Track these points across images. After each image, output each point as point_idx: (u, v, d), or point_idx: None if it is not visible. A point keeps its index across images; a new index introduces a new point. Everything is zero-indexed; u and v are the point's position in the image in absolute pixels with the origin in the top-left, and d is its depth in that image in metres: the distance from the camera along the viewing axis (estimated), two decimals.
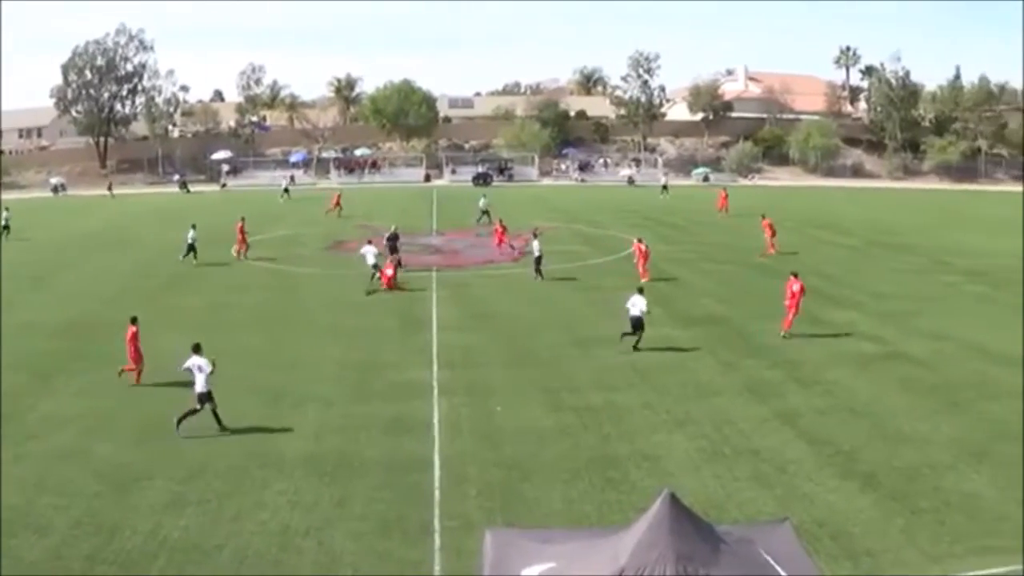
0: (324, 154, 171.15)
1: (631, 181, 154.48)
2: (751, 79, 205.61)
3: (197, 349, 33.38)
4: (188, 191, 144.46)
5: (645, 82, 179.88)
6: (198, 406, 32.39)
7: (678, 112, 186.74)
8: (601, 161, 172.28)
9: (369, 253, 59.93)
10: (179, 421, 32.09)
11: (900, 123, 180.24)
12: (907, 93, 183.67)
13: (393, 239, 65.82)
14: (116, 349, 39.77)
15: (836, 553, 24.09)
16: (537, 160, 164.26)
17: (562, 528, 23.36)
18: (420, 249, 73.77)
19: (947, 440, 33.10)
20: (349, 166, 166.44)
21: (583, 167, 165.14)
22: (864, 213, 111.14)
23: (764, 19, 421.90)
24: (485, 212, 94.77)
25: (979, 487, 29.03)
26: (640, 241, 64.63)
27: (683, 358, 42.83)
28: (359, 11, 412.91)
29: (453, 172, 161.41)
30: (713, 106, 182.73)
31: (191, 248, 68.96)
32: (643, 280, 58.34)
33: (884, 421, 34.88)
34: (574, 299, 55.90)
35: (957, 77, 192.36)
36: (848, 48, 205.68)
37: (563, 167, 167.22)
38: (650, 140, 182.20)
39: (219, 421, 32.55)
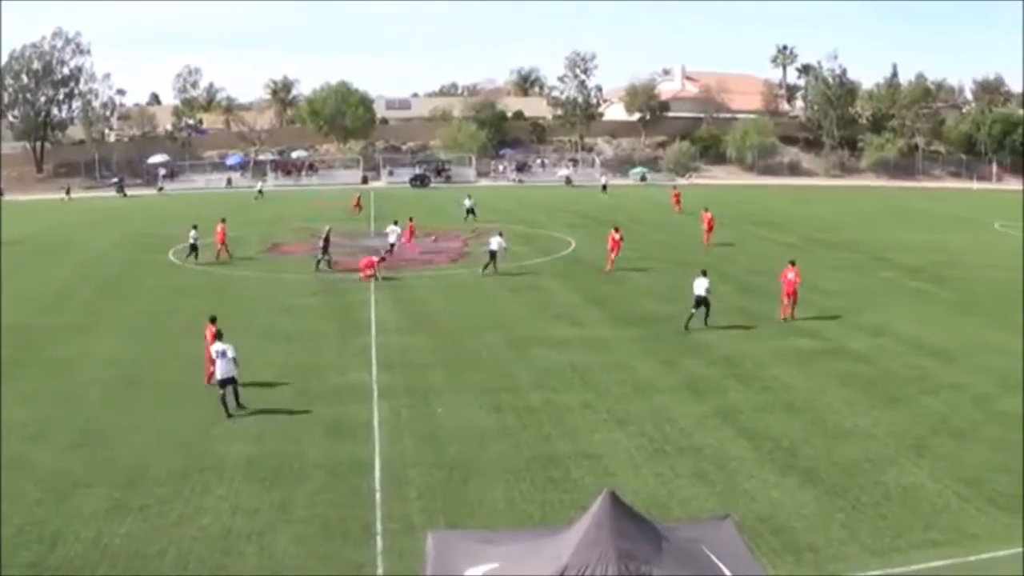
0: (261, 157, 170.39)
1: (568, 181, 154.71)
2: (688, 79, 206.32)
3: (219, 336, 34.69)
4: (125, 195, 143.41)
5: (582, 82, 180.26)
6: (221, 390, 33.72)
7: (615, 112, 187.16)
8: (538, 161, 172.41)
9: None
10: (226, 413, 34.05)
11: (837, 121, 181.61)
12: (844, 91, 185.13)
13: (326, 240, 66.84)
14: (54, 355, 39.50)
15: (778, 548, 24.22)
16: (474, 161, 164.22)
17: (504, 528, 23.34)
18: (358, 251, 73.38)
19: (887, 434, 33.39)
20: (286, 168, 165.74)
21: (520, 167, 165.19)
22: (802, 210, 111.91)
23: (701, 19, 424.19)
24: (471, 211, 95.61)
25: (920, 480, 29.31)
26: (617, 230, 66.72)
27: (622, 357, 42.86)
28: (296, 13, 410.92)
29: (390, 174, 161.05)
30: (650, 106, 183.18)
31: (193, 248, 69.91)
32: (608, 268, 63.66)
33: (824, 416, 35.16)
34: (513, 299, 55.87)
35: (894, 75, 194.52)
36: (785, 47, 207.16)
37: (500, 168, 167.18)
38: (587, 140, 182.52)
39: (226, 407, 34.01)
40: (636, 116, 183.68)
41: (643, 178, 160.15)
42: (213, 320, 37.97)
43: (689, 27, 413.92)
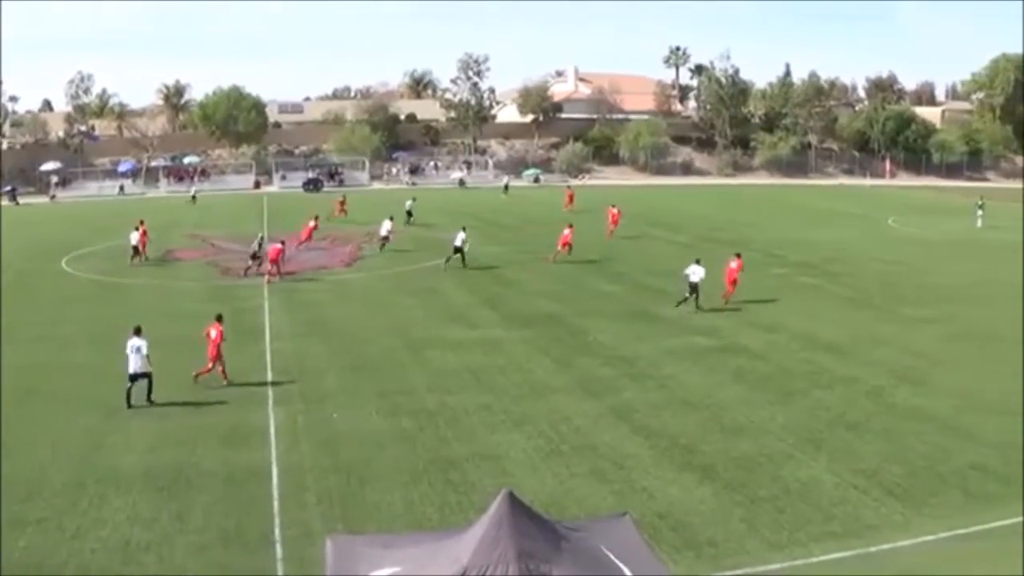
0: (153, 163, 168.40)
1: (462, 183, 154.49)
2: (581, 80, 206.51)
3: (138, 331, 36.13)
4: (18, 203, 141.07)
5: (475, 84, 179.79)
6: (129, 384, 34.74)
7: (508, 114, 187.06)
8: (432, 164, 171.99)
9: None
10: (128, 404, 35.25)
11: (730, 120, 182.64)
12: (737, 91, 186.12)
13: (258, 246, 67.43)
14: None
15: (678, 545, 24.43)
16: (368, 164, 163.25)
17: (404, 532, 23.33)
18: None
19: (783, 429, 33.86)
20: (178, 174, 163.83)
21: (414, 170, 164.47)
22: (695, 209, 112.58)
23: (594, 20, 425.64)
24: (409, 213, 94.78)
25: (817, 474, 29.77)
26: (571, 227, 70.72)
27: (517, 358, 43.03)
28: (188, 16, 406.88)
29: (283, 178, 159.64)
30: (543, 107, 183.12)
31: (136, 250, 71.01)
32: (551, 260, 67.51)
33: (720, 413, 35.55)
34: (407, 302, 55.72)
35: (787, 74, 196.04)
36: (678, 48, 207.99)
37: (394, 171, 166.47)
38: (480, 142, 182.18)
39: (128, 399, 35.25)
40: (529, 118, 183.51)
41: (536, 179, 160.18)
42: (219, 318, 39.28)
43: (582, 29, 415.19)
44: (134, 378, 35.12)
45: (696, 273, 52.30)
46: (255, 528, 25.31)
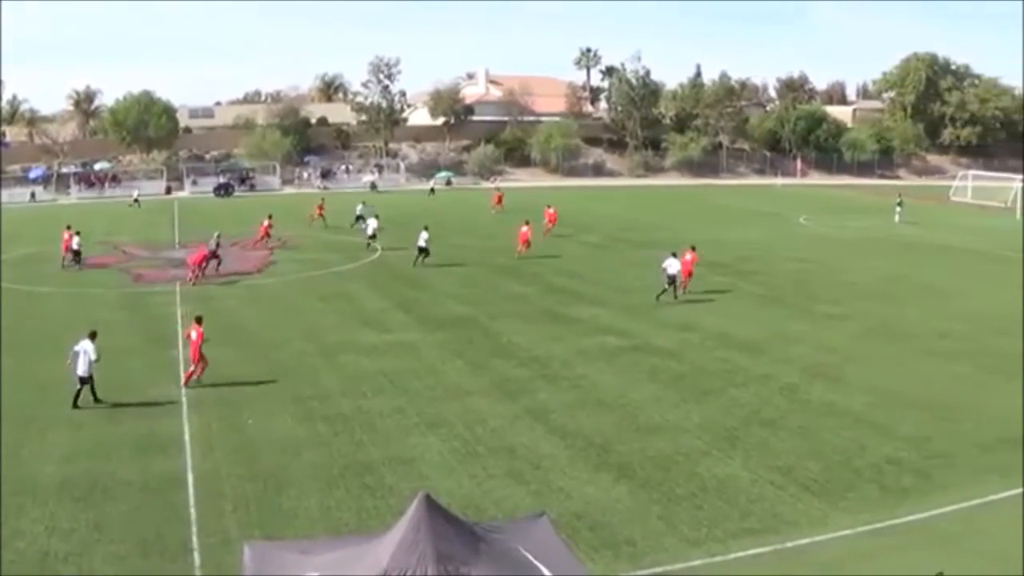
0: (64, 169, 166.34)
1: (374, 187, 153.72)
2: (492, 82, 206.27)
3: (93, 336, 36.61)
4: None
5: (386, 87, 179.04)
6: (79, 386, 35.03)
7: (419, 117, 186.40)
8: (343, 168, 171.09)
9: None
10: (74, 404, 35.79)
11: (641, 121, 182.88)
12: (648, 92, 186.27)
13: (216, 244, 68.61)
14: None
15: (596, 544, 24.53)
16: (279, 169, 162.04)
17: (322, 537, 23.24)
18: (163, 263, 72.27)
19: (698, 427, 34.14)
20: (89, 181, 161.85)
21: (325, 174, 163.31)
22: (606, 210, 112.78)
23: (504, 22, 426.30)
24: (360, 218, 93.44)
25: (733, 471, 30.06)
26: (527, 224, 72.63)
27: (431, 361, 43.02)
28: (98, 21, 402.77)
29: (195, 183, 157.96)
30: (454, 110, 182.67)
31: (76, 254, 71.51)
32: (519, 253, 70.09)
33: (635, 412, 35.74)
34: (321, 307, 55.46)
35: (698, 75, 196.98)
36: (589, 49, 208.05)
37: (305, 175, 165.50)
38: (392, 145, 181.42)
39: (76, 399, 35.87)
40: (440, 120, 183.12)
41: (448, 182, 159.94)
42: (199, 320, 39.53)
43: (493, 31, 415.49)
44: (83, 381, 35.69)
45: (672, 266, 54.00)
46: (173, 536, 25.06)
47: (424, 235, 69.16)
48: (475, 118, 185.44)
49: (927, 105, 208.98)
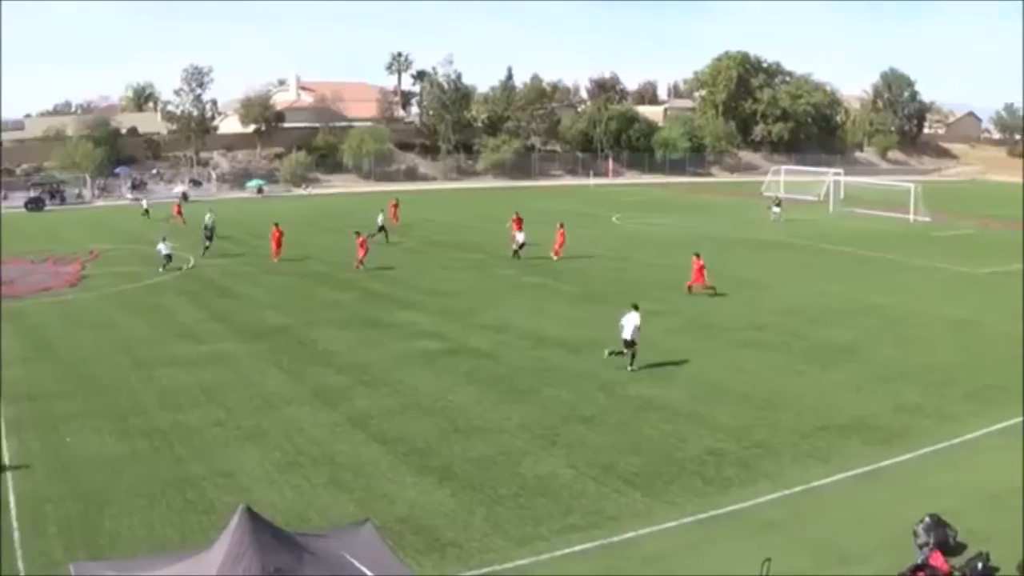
0: None
1: (185, 197, 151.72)
2: (303, 88, 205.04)
3: None
4: None
5: (198, 96, 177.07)
6: None
7: (231, 125, 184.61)
8: (154, 178, 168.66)
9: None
10: None
11: (453, 125, 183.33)
12: (459, 95, 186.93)
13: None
14: None
15: (422, 548, 24.50)
16: (90, 181, 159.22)
17: (147, 555, 22.81)
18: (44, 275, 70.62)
19: (518, 427, 34.30)
20: None
21: (136, 185, 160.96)
22: (420, 214, 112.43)
23: (315, 28, 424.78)
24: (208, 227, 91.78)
25: (555, 469, 30.25)
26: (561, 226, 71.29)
27: (248, 372, 42.45)
28: None
29: (5, 198, 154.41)
30: (265, 117, 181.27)
31: None
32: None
33: (454, 414, 35.81)
34: (135, 321, 54.33)
35: (509, 77, 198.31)
36: (400, 54, 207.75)
37: (117, 187, 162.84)
38: (203, 154, 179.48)
39: None
40: (252, 128, 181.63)
41: (260, 191, 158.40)
42: None
43: (304, 37, 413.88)
44: None
45: (630, 323, 44.57)
46: None
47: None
48: (287, 125, 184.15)
49: (739, 103, 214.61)
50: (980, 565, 23.65)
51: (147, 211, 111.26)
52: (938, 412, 37.35)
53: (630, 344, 42.83)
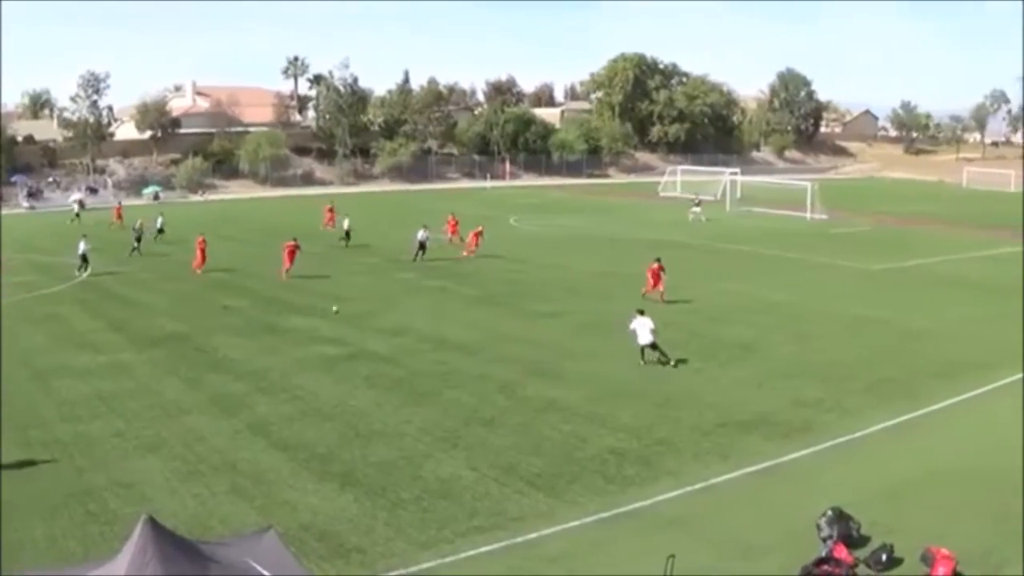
0: None
1: (82, 205, 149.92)
2: (199, 94, 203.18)
3: None
4: None
5: (94, 102, 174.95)
6: None
7: (127, 131, 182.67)
8: (51, 186, 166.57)
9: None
10: None
11: (349, 129, 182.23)
12: (356, 99, 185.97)
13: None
14: None
15: (325, 554, 24.49)
16: None
17: (49, 567, 22.56)
18: None
19: (419, 430, 34.41)
20: None
21: (32, 194, 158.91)
22: (316, 219, 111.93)
23: (211, 33, 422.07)
24: (160, 230, 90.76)
25: (457, 471, 30.36)
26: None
27: (147, 381, 41.95)
28: None
29: None
30: (161, 123, 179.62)
31: None
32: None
33: (355, 420, 35.81)
34: (31, 331, 53.43)
35: (406, 81, 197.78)
36: (296, 58, 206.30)
37: (14, 195, 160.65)
38: (99, 161, 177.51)
39: None
40: (148, 134, 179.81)
41: (156, 197, 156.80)
42: None
43: (200, 42, 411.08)
44: None
45: (643, 328, 45.42)
46: None
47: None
48: (183, 131, 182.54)
49: (635, 104, 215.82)
50: (884, 556, 24.07)
51: (78, 215, 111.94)
52: (837, 407, 38.02)
53: (654, 346, 43.63)
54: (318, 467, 30.96)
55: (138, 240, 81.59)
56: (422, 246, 74.99)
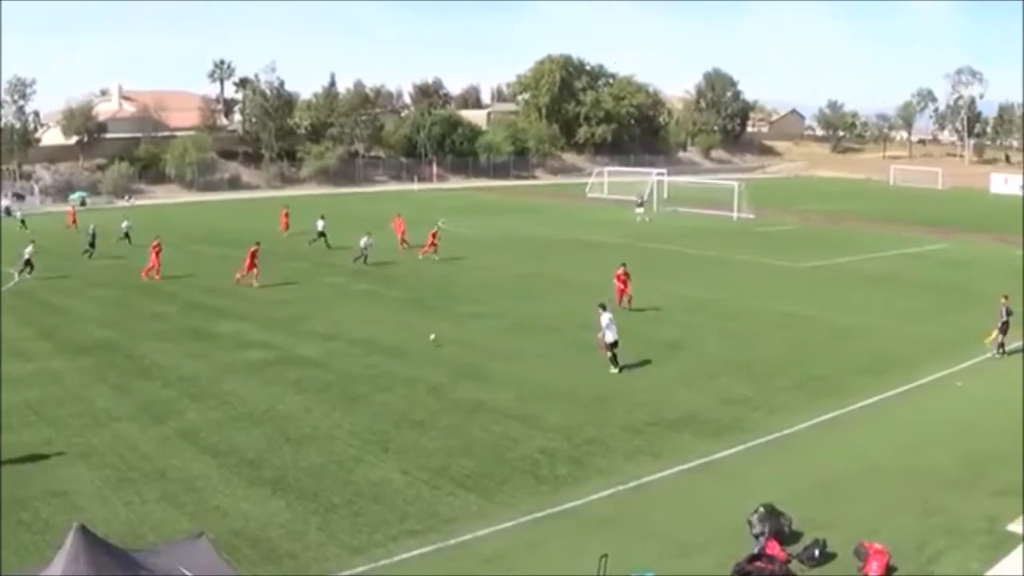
0: None
1: (8, 212, 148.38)
2: (126, 98, 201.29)
3: None
4: None
5: (20, 108, 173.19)
6: None
7: (53, 137, 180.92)
8: None
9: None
10: None
11: (276, 132, 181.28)
12: (282, 102, 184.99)
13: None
14: None
15: (257, 560, 24.43)
16: None
17: None
18: None
19: (349, 434, 34.42)
20: None
21: None
22: (245, 224, 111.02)
23: (136, 37, 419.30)
24: (127, 235, 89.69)
25: (388, 474, 30.42)
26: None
27: (76, 389, 41.48)
28: None
29: None
30: (87, 128, 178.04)
31: None
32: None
33: (285, 424, 35.73)
34: None
35: (332, 84, 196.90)
36: (222, 61, 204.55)
37: None
38: (26, 167, 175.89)
39: None
40: (74, 139, 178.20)
41: (83, 203, 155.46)
42: None
43: (125, 46, 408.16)
44: None
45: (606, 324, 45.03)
46: None
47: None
48: (109, 136, 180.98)
49: (562, 105, 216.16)
50: (817, 552, 24.37)
51: (23, 221, 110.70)
52: (766, 404, 38.46)
53: (616, 345, 43.51)
54: (249, 473, 30.89)
55: (92, 244, 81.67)
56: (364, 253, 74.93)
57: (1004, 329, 47.18)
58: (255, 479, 30.30)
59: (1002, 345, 47.26)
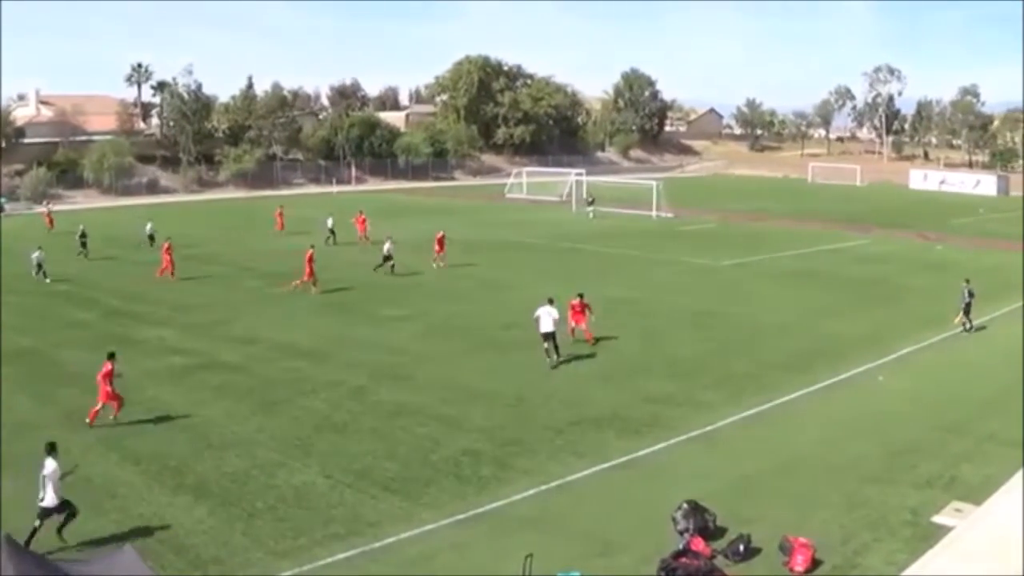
0: None
1: None
2: (43, 103, 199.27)
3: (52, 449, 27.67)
4: None
5: None
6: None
7: None
8: None
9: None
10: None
11: (194, 136, 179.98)
12: (200, 106, 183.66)
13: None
14: None
15: (182, 567, 24.41)
16: None
17: None
18: None
19: (271, 439, 34.41)
20: None
21: None
22: (161, 228, 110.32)
23: (54, 41, 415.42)
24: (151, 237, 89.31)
25: (310, 479, 30.47)
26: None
27: None
28: None
29: None
30: (5, 133, 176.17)
31: None
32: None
33: (207, 430, 35.61)
34: None
35: (250, 86, 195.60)
36: (140, 65, 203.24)
37: None
38: None
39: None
40: None
41: (1, 208, 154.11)
42: (111, 356, 37.12)
43: (43, 50, 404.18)
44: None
45: (546, 316, 44.92)
46: None
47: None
48: (27, 140, 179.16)
49: (480, 106, 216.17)
50: (742, 547, 24.66)
51: None
52: (689, 401, 38.88)
53: (552, 337, 44.10)
54: (172, 479, 30.75)
55: (83, 245, 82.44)
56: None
57: (967, 310, 50.79)
58: (178, 486, 30.17)
59: (969, 323, 51.05)
